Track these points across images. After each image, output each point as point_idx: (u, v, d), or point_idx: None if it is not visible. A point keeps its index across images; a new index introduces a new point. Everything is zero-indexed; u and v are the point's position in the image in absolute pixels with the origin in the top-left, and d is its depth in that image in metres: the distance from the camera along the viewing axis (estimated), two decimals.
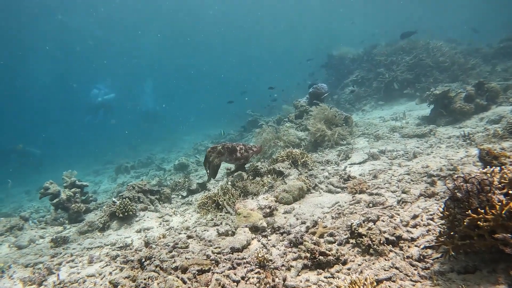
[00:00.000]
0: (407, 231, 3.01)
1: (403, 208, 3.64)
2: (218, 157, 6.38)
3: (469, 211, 1.94)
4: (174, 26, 43.30)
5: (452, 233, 2.18)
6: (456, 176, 2.17)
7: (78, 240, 5.32)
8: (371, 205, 3.93)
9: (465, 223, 1.97)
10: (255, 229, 3.90)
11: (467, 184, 1.99)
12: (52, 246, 5.13)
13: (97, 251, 4.65)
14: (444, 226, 2.36)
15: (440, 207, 3.15)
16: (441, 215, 2.31)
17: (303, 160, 6.54)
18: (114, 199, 6.04)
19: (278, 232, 3.79)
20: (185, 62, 53.64)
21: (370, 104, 15.32)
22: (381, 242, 2.80)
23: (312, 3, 43.37)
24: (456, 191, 2.03)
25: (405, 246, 2.80)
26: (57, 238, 5.17)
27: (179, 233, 4.64)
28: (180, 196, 7.82)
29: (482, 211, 1.90)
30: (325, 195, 4.90)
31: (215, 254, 3.38)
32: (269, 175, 6.11)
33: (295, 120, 11.36)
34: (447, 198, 2.13)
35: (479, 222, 1.90)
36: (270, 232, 3.85)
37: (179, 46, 48.71)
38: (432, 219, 3.15)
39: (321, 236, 3.44)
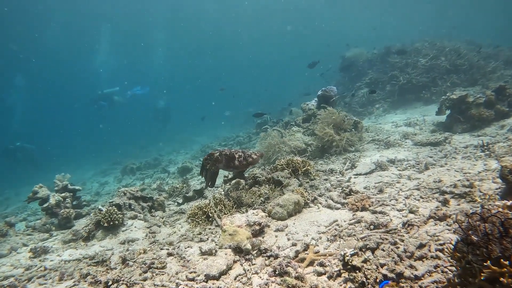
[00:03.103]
0: (410, 266, 2.51)
1: (408, 233, 3.14)
2: (215, 165, 5.96)
3: (489, 261, 1.46)
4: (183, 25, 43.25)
5: (464, 281, 1.70)
6: (471, 212, 1.67)
7: (59, 250, 5.00)
8: (372, 226, 3.43)
9: (482, 277, 1.49)
10: (239, 250, 3.46)
11: (486, 224, 1.50)
12: (31, 257, 4.83)
13: (74, 265, 4.30)
14: (454, 268, 1.87)
15: (452, 239, 2.64)
16: (451, 254, 1.82)
17: (304, 169, 6.06)
18: (100, 207, 5.71)
19: (265, 255, 3.34)
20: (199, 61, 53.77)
21: (383, 108, 14.66)
22: (378, 280, 2.31)
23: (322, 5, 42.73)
24: (470, 232, 1.55)
25: (407, 286, 2.31)
26: (36, 248, 4.87)
27: (161, 249, 4.24)
28: (176, 203, 7.47)
29: (507, 262, 1.42)
30: (323, 210, 4.41)
31: (187, 281, 2.96)
32: (267, 185, 5.66)
33: (302, 124, 10.85)
34: (459, 239, 1.65)
35: (502, 278, 1.42)
36: (256, 255, 3.40)
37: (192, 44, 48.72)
38: (442, 251, 2.64)
39: (311, 263, 2.97)
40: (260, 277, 2.92)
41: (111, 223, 5.26)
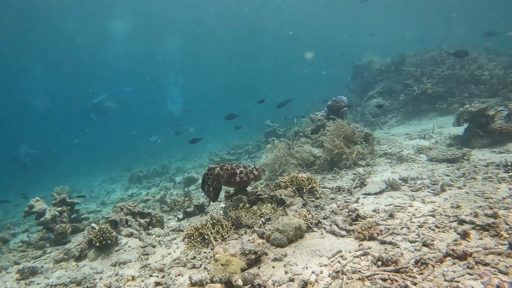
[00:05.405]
0: None
1: (422, 273, 2.73)
2: (218, 180, 5.64)
3: None
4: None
5: None
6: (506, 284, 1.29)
7: (48, 271, 4.75)
8: (380, 262, 3.03)
9: None
10: (229, 285, 3.12)
11: None
12: (18, 279, 4.59)
13: None
14: None
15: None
16: None
17: (309, 186, 5.69)
18: (93, 224, 5.46)
19: None
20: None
21: (397, 118, 14.15)
22: None
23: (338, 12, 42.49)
24: None
25: None
26: (23, 269, 4.62)
27: (151, 276, 3.94)
28: (176, 218, 7.19)
29: None
30: (327, 237, 4.02)
31: None
32: (269, 204, 5.31)
33: (311, 135, 10.48)
34: None
35: None
36: None
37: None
38: None
39: None
40: None
41: (103, 242, 5.00)
